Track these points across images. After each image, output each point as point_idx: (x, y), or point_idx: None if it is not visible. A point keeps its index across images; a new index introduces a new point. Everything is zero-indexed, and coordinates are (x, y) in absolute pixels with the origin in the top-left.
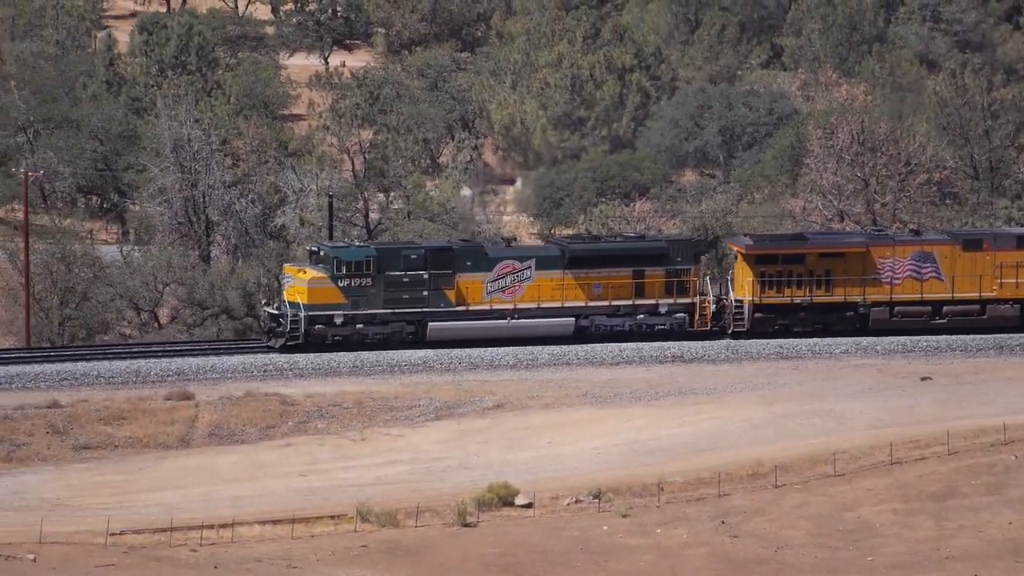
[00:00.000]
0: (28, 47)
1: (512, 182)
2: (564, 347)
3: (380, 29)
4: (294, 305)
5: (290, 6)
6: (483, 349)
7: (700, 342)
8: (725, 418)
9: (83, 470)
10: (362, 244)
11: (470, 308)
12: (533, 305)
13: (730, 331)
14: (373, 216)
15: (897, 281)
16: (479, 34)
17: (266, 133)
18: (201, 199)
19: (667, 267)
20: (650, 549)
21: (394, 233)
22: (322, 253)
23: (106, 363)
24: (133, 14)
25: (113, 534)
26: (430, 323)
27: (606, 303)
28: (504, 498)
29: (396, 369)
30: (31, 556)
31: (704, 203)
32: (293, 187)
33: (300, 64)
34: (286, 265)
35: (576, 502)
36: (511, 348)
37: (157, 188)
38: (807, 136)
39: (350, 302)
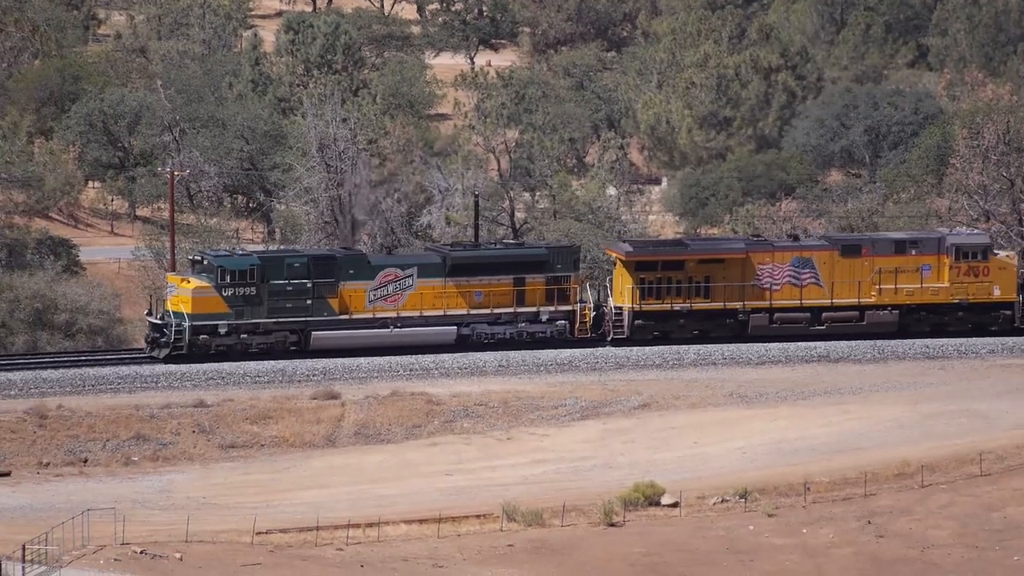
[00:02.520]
0: (174, 46)
1: (658, 182)
2: (711, 346)
3: (526, 28)
4: (178, 315)
5: (436, 6)
6: (629, 349)
7: (845, 343)
8: (871, 418)
9: (229, 469)
10: (245, 253)
11: (353, 317)
12: (416, 313)
13: (609, 338)
14: (519, 215)
15: (776, 287)
16: (625, 34)
17: (412, 132)
18: (347, 198)
19: (547, 274)
20: (796, 549)
21: (540, 233)
22: (205, 262)
23: (252, 363)
24: (279, 13)
25: (259, 533)
26: (313, 332)
27: (488, 311)
28: (650, 497)
29: (542, 369)
30: (178, 555)
31: (850, 203)
32: (439, 186)
33: (446, 63)
34: (168, 274)
35: (722, 501)
36: (658, 347)
37: (303, 187)
38: (953, 136)
39: (234, 312)
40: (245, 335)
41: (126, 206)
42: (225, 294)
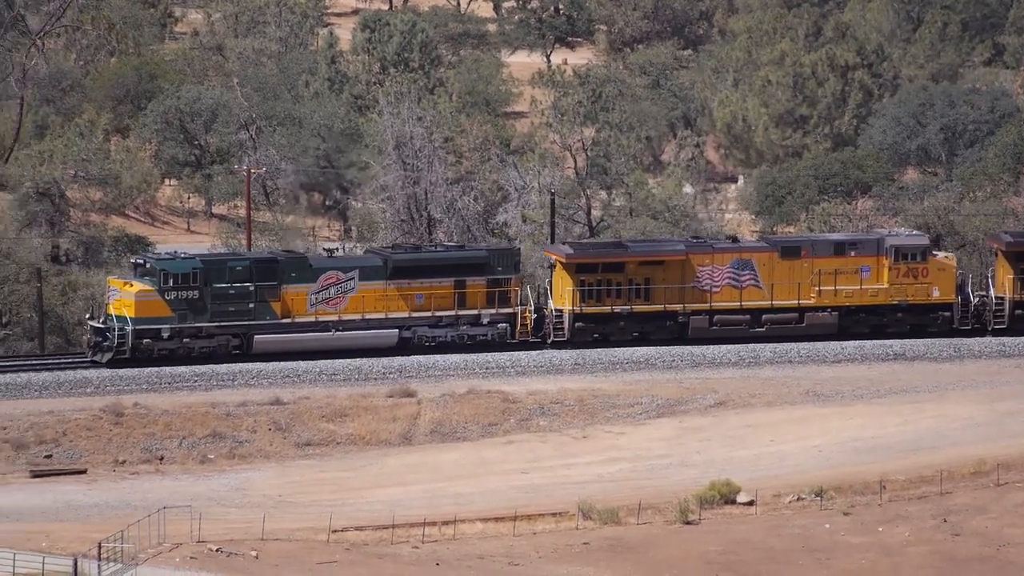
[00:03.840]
0: (251, 44)
1: (734, 180)
2: (786, 344)
3: (602, 26)
4: (121, 319)
5: (512, 3)
6: (705, 348)
7: (923, 340)
8: (947, 416)
9: (305, 467)
10: (187, 256)
11: (296, 320)
12: (357, 316)
13: (550, 341)
14: (595, 213)
15: (716, 289)
16: (701, 32)
17: (488, 130)
18: (423, 196)
19: (488, 276)
20: (872, 547)
21: (616, 231)
22: (148, 265)
23: (327, 361)
24: (355, 11)
25: (335, 531)
26: (256, 336)
27: (429, 314)
28: (726, 496)
29: (618, 367)
30: (253, 553)
31: (926, 201)
32: (515, 184)
33: (522, 61)
34: (110, 278)
35: (798, 500)
36: (734, 346)
37: (379, 185)
38: None
39: (177, 315)
40: (188, 339)
41: (202, 204)
42: (168, 298)
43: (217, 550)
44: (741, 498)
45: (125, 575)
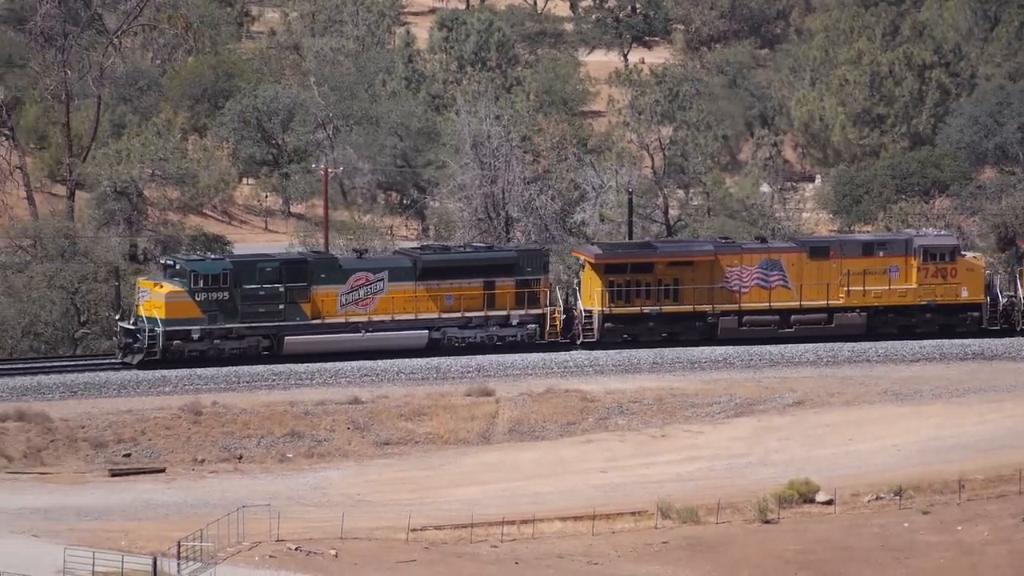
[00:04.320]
0: (328, 43)
1: (811, 179)
2: (864, 344)
3: (679, 26)
4: (151, 320)
5: (589, 2)
6: (783, 346)
7: (1001, 340)
8: None
9: (384, 466)
10: (217, 257)
11: (325, 321)
12: (387, 317)
13: (579, 342)
14: (673, 212)
15: (745, 289)
16: (778, 31)
17: (565, 129)
18: (500, 195)
19: (517, 277)
20: (951, 546)
21: (694, 230)
22: (178, 267)
23: (406, 360)
24: (432, 10)
25: (414, 530)
26: (286, 337)
27: (458, 314)
28: (805, 495)
29: (696, 366)
30: (332, 551)
31: (1004, 200)
32: (592, 183)
33: (599, 61)
34: (140, 279)
35: (876, 499)
36: (811, 344)
37: (457, 184)
38: None
39: (207, 316)
40: (218, 340)
41: (280, 203)
42: (198, 299)
43: (296, 549)
44: (820, 497)
45: (204, 574)
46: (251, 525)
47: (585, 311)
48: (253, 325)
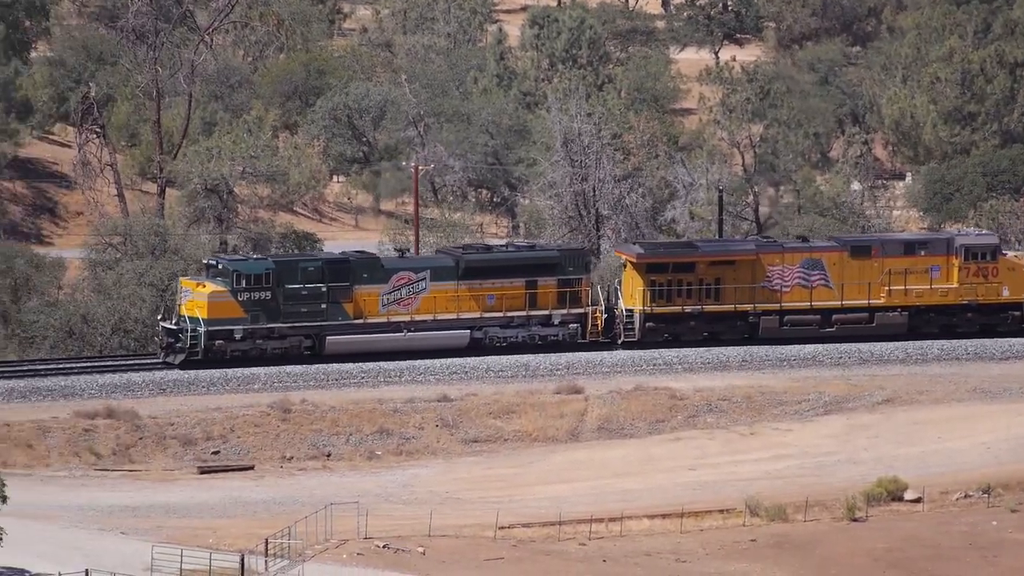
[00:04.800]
0: (419, 40)
1: (902, 177)
2: (955, 341)
3: (770, 23)
4: (193, 320)
5: (681, 0)
6: (872, 344)
7: None
8: None
9: (472, 464)
10: (260, 257)
11: (367, 321)
12: (429, 317)
13: (620, 341)
14: (763, 210)
15: (786, 289)
16: (869, 28)
17: (656, 127)
18: (591, 193)
19: (559, 277)
20: None
21: (784, 228)
22: (220, 266)
23: (494, 357)
24: (524, 8)
25: (502, 527)
26: (328, 336)
27: (500, 314)
28: (893, 493)
29: (785, 364)
30: (420, 549)
31: None
32: (683, 181)
33: (690, 58)
34: (182, 279)
35: (965, 497)
36: (901, 343)
37: (547, 182)
38: None
39: (250, 316)
40: (260, 340)
41: (370, 200)
42: (240, 299)
43: (384, 546)
44: (908, 495)
45: (292, 571)
46: (339, 522)
47: (626, 310)
48: (295, 325)
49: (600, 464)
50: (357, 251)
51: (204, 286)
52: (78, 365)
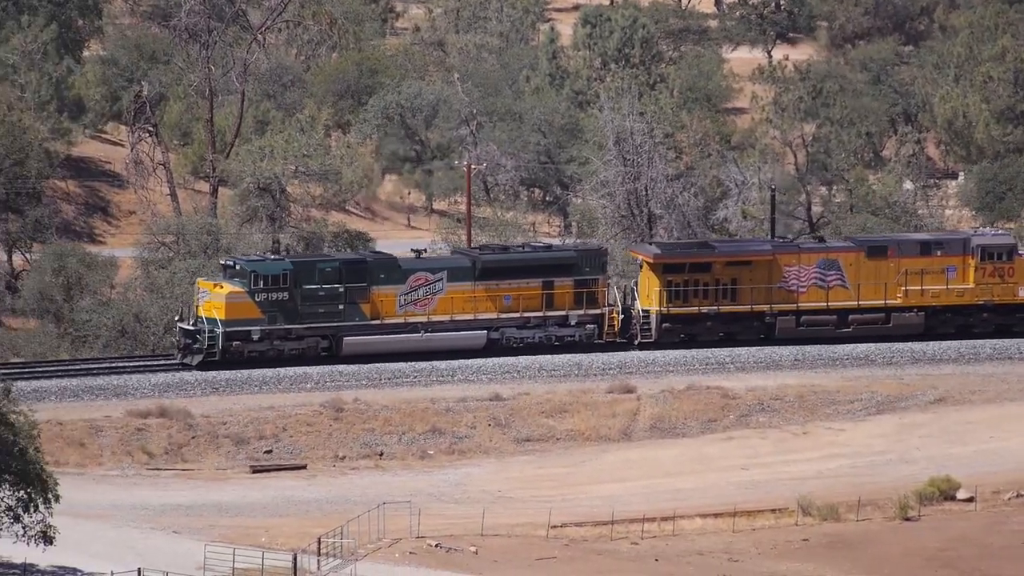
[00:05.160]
0: (472, 40)
1: (954, 176)
2: (1007, 340)
3: (823, 22)
4: (211, 321)
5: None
6: (924, 343)
7: None
8: None
9: (524, 463)
10: (277, 257)
11: (384, 322)
12: (446, 318)
13: (637, 342)
14: (815, 209)
15: (803, 289)
16: (922, 27)
17: (708, 126)
18: (643, 192)
19: (576, 277)
20: None
21: (836, 227)
22: (238, 267)
23: (548, 356)
24: (576, 7)
25: (554, 526)
26: (345, 337)
27: (517, 315)
28: (945, 492)
29: (837, 363)
30: (473, 548)
31: None
32: (735, 180)
33: (743, 57)
34: (199, 279)
35: (1017, 496)
36: (953, 342)
37: (599, 181)
38: None
39: (267, 317)
40: (278, 341)
41: (423, 199)
42: (258, 299)
43: (436, 545)
44: (960, 495)
45: (344, 570)
46: (391, 522)
47: (643, 311)
48: (313, 326)
49: (652, 463)
50: (374, 252)
51: (222, 287)
52: (130, 364)
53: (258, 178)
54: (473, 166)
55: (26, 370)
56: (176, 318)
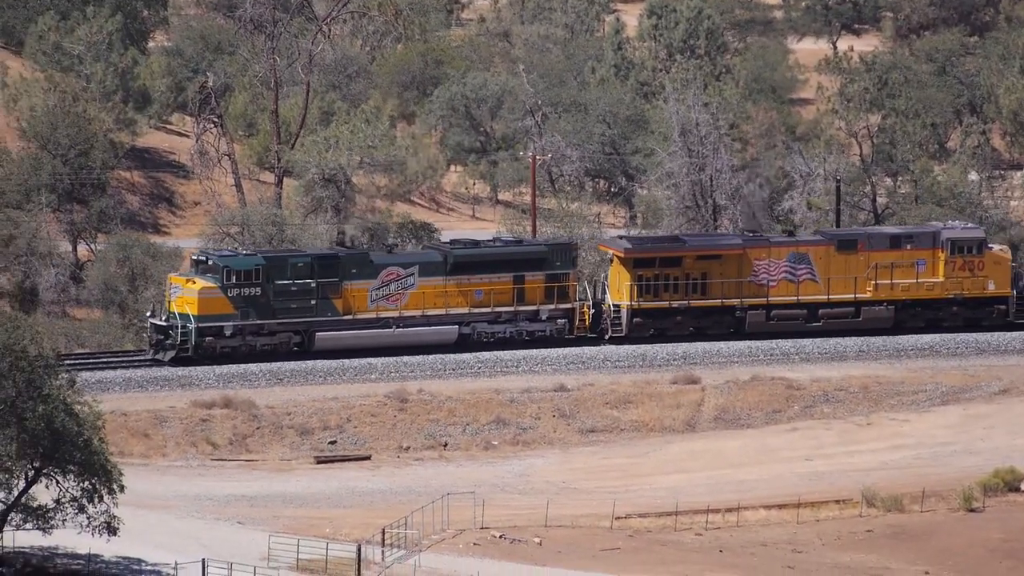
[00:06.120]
0: (537, 31)
1: (1020, 167)
2: None
3: (888, 13)
4: (183, 316)
5: None
6: (989, 334)
7: None
8: None
9: (589, 453)
10: (249, 252)
11: (356, 317)
12: (417, 313)
13: (607, 336)
14: (880, 200)
15: (773, 283)
16: (987, 18)
17: (774, 117)
18: (708, 183)
19: (547, 272)
20: None
21: (901, 218)
22: (210, 262)
23: (612, 348)
24: None
25: (618, 518)
26: (317, 333)
27: (488, 309)
28: (1010, 483)
29: (902, 354)
30: (537, 539)
31: None
32: (800, 171)
33: (808, 48)
34: (171, 275)
35: None
36: (1018, 332)
37: (664, 172)
38: None
39: (240, 312)
40: (250, 336)
41: (488, 190)
42: (231, 295)
43: (500, 536)
44: None
45: (408, 561)
46: (455, 513)
47: (614, 305)
48: (285, 321)
49: (716, 454)
50: (346, 246)
51: (194, 282)
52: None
53: (323, 169)
54: (538, 157)
55: (91, 361)
56: (148, 314)
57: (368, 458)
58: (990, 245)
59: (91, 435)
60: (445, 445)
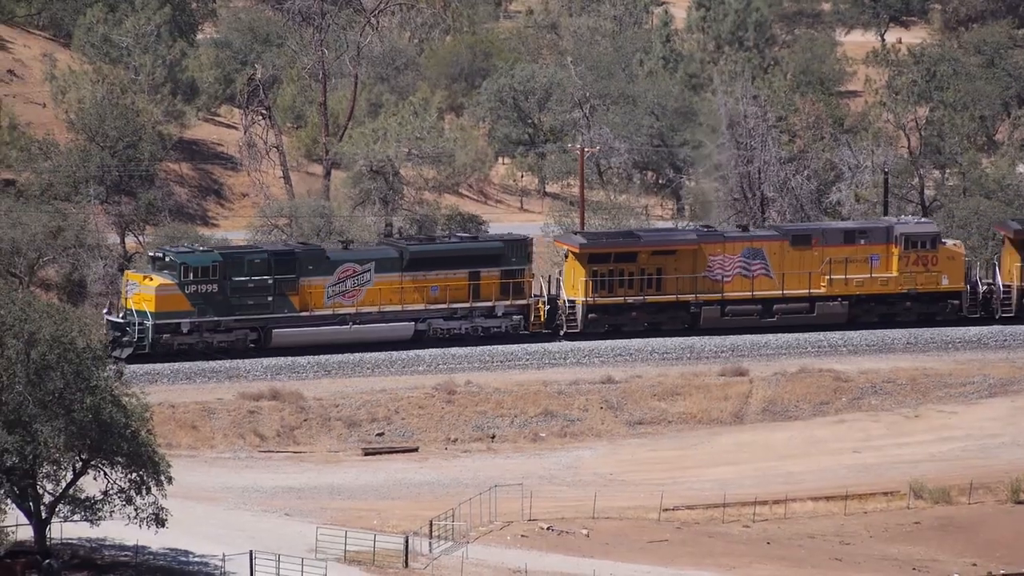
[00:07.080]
0: (585, 23)
1: None
2: None
3: (937, 5)
4: (141, 313)
5: None
6: None
7: None
8: None
9: (636, 445)
10: (206, 249)
11: (313, 313)
12: (374, 309)
13: (562, 332)
14: (928, 193)
15: (727, 278)
16: None
17: (822, 109)
18: (756, 175)
19: (503, 268)
20: None
21: (949, 211)
22: (167, 259)
23: (660, 339)
24: None
25: (666, 509)
26: (274, 329)
27: (444, 306)
28: None
29: (950, 346)
30: (584, 531)
31: None
32: (848, 163)
33: (856, 41)
34: (128, 272)
35: None
36: None
37: (712, 164)
38: None
39: (197, 309)
40: (207, 333)
41: (536, 182)
42: (188, 292)
43: (548, 528)
44: None
45: (456, 553)
46: (503, 504)
47: (569, 301)
48: (241, 318)
49: (764, 446)
50: (303, 243)
51: (151, 279)
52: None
53: (371, 161)
54: (586, 149)
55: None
56: (104, 311)
57: (416, 450)
58: (944, 240)
59: (139, 427)
60: (493, 437)
